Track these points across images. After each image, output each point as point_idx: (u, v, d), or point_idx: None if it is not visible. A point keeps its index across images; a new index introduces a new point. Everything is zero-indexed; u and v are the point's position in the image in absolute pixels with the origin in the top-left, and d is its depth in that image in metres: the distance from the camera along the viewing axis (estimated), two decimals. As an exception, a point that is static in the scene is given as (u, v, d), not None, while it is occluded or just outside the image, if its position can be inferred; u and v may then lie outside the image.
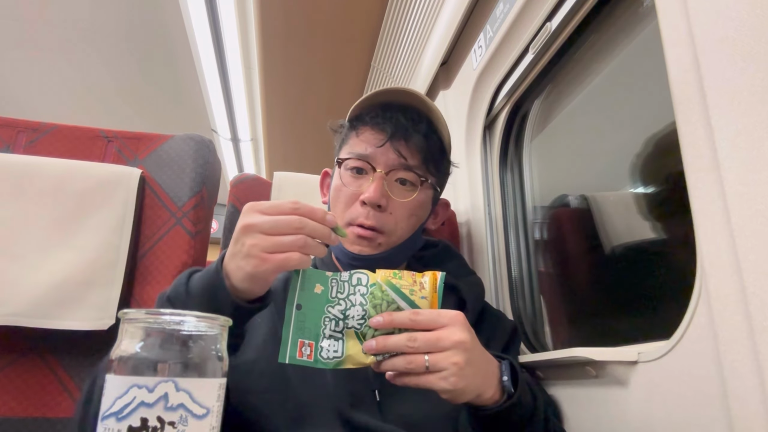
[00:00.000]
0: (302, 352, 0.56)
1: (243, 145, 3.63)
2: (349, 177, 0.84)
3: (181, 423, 0.31)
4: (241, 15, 2.16)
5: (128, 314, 0.34)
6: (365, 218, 0.79)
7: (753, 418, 0.49)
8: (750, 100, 0.50)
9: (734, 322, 0.51)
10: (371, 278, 0.59)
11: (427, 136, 0.84)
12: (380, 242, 0.81)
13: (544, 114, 1.19)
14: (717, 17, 0.54)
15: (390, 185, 0.82)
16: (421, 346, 0.55)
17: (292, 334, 0.56)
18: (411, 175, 0.83)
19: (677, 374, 0.61)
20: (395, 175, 0.82)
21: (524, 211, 1.21)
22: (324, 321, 0.57)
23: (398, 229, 0.82)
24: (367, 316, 0.57)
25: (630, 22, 0.89)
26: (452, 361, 0.55)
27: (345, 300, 0.58)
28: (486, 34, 1.16)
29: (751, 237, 0.49)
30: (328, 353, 0.56)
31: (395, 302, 0.58)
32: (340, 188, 0.84)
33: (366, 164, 0.82)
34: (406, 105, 0.85)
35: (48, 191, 0.94)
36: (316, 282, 0.59)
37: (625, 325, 0.94)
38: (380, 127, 0.83)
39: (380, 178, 0.81)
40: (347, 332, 0.57)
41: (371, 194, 0.79)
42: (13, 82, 3.19)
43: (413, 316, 0.57)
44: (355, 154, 0.83)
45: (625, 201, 1.01)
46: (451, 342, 0.56)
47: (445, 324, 0.57)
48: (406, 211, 0.83)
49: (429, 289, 0.59)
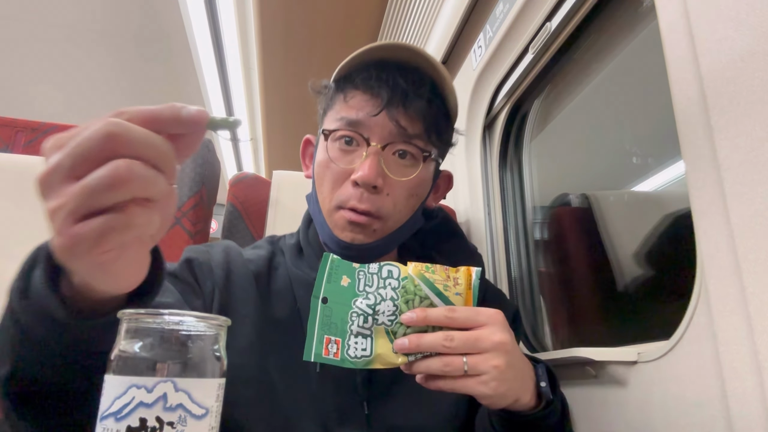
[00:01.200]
0: (329, 350, 0.51)
1: (242, 145, 3.62)
2: (338, 150, 0.70)
3: (180, 423, 0.31)
4: (241, 15, 2.16)
5: (127, 314, 0.34)
6: (358, 201, 0.67)
7: (753, 418, 0.49)
8: (750, 100, 0.50)
9: (734, 322, 0.51)
10: (402, 271, 0.54)
11: (430, 102, 0.70)
12: (375, 228, 0.69)
13: (544, 114, 1.19)
14: (717, 17, 0.54)
15: (386, 160, 0.69)
16: (458, 346, 0.50)
17: (318, 329, 0.52)
18: (412, 148, 0.70)
19: (677, 374, 0.60)
20: (393, 148, 0.69)
21: (524, 210, 1.21)
22: (351, 316, 0.53)
23: (396, 213, 0.70)
24: (398, 312, 0.52)
25: (630, 22, 0.89)
26: (493, 363, 0.50)
27: (374, 294, 0.53)
28: (486, 33, 1.16)
29: (751, 237, 0.49)
30: (356, 351, 0.52)
31: (428, 298, 0.53)
32: (327, 164, 0.71)
33: (357, 135, 0.69)
34: (406, 64, 0.70)
35: (47, 191, 0.94)
36: (343, 273, 0.54)
37: (626, 326, 0.94)
38: (374, 92, 0.69)
39: (375, 153, 0.68)
40: (376, 329, 0.53)
41: (365, 174, 0.66)
42: (13, 82, 3.19)
43: (449, 312, 0.51)
44: (344, 123, 0.70)
45: (625, 200, 1.01)
46: (492, 343, 0.50)
47: (484, 323, 0.52)
48: (405, 191, 0.70)
49: (463, 286, 0.55)
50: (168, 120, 0.35)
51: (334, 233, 0.70)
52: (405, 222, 0.73)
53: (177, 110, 0.35)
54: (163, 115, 0.35)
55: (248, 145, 3.58)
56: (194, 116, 0.35)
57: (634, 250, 0.96)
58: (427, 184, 0.75)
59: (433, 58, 0.71)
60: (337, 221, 0.70)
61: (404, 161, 0.70)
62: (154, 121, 0.34)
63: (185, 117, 0.35)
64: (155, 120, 0.34)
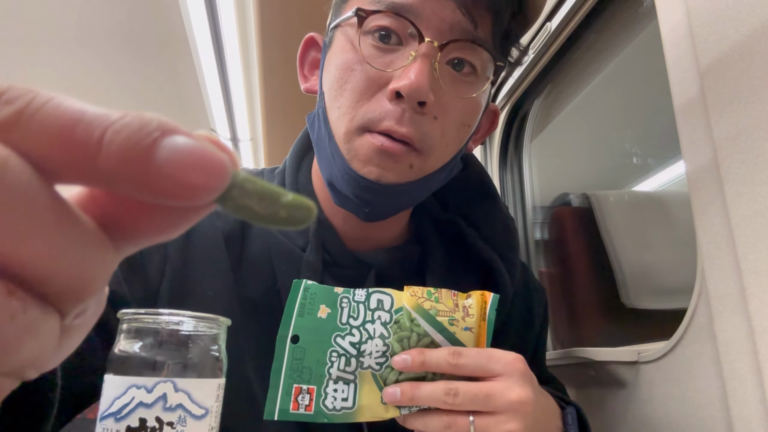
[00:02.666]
0: (298, 403, 0.41)
1: (242, 145, 3.62)
2: (371, 47, 0.48)
3: (179, 423, 0.31)
4: (241, 15, 2.16)
5: (127, 314, 0.34)
6: (397, 122, 0.46)
7: (753, 418, 0.49)
8: (750, 100, 0.50)
9: (734, 323, 0.51)
10: (396, 300, 0.44)
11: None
12: (412, 164, 0.48)
13: (544, 114, 1.19)
14: (717, 17, 0.54)
15: (441, 70, 0.48)
16: (464, 402, 0.39)
17: (285, 378, 0.41)
18: (482, 55, 0.49)
19: (677, 374, 0.60)
20: (453, 50, 0.48)
21: (524, 210, 1.21)
22: (330, 357, 0.42)
23: (443, 146, 0.50)
24: (389, 352, 0.42)
25: (630, 22, 0.89)
26: (507, 428, 0.39)
27: (360, 329, 0.43)
28: (486, 33, 1.16)
29: (751, 237, 0.49)
30: (335, 402, 0.41)
31: (428, 335, 0.42)
32: (352, 65, 0.48)
33: (406, 25, 0.46)
34: None
35: (47, 191, 0.94)
36: (320, 302, 0.43)
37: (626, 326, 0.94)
38: None
39: (429, 54, 0.46)
40: (362, 374, 0.42)
41: (414, 81, 0.44)
42: (12, 82, 3.19)
43: (453, 358, 0.41)
44: (386, 4, 0.46)
45: (625, 200, 1.01)
46: (508, 402, 0.40)
47: (499, 372, 0.41)
48: (459, 116, 0.50)
49: (476, 317, 0.44)
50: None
51: (352, 166, 0.48)
52: (447, 162, 0.52)
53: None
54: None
55: (248, 145, 3.58)
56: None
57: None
58: (480, 110, 0.53)
59: None
60: (360, 149, 0.48)
61: (462, 75, 0.49)
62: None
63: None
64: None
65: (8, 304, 0.12)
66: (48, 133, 0.13)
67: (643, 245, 1.00)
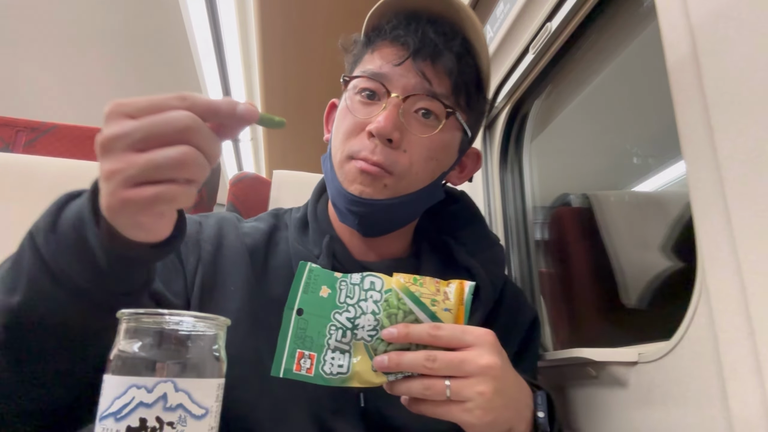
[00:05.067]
0: (300, 365, 0.48)
1: (243, 145, 3.62)
2: (358, 102, 0.66)
3: (180, 423, 0.31)
4: (241, 14, 2.16)
5: (126, 314, 0.34)
6: (370, 152, 0.62)
7: (753, 419, 0.49)
8: (750, 100, 0.50)
9: (734, 323, 0.51)
10: (386, 283, 0.51)
11: (461, 58, 0.65)
12: (386, 183, 0.63)
13: (545, 114, 1.19)
14: (717, 17, 0.54)
15: (407, 117, 0.64)
16: (441, 367, 0.46)
17: (290, 343, 0.48)
18: (436, 104, 0.65)
19: (677, 374, 0.60)
20: (415, 103, 0.64)
21: (524, 211, 1.21)
22: (329, 330, 0.49)
23: (412, 174, 0.64)
24: (379, 326, 0.49)
25: (630, 22, 0.89)
26: (478, 390, 0.46)
27: (355, 306, 0.50)
28: (486, 34, 1.16)
29: (751, 237, 0.49)
30: (332, 368, 0.48)
31: (413, 313, 0.50)
32: (345, 114, 0.67)
33: (379, 86, 0.65)
34: (439, 16, 0.66)
35: (47, 191, 0.94)
36: (322, 284, 0.51)
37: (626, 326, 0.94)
38: (401, 41, 0.65)
39: (395, 105, 0.63)
40: (355, 344, 0.49)
41: (381, 124, 0.61)
42: (13, 82, 3.19)
43: (433, 330, 0.48)
44: (367, 72, 0.66)
45: (626, 200, 1.01)
46: (478, 366, 0.47)
47: (471, 343, 0.48)
48: (425, 152, 0.65)
49: (454, 301, 0.51)
50: (225, 114, 0.40)
51: (343, 186, 0.65)
52: (421, 188, 0.66)
53: (233, 106, 0.40)
54: (221, 109, 0.39)
55: (248, 144, 3.58)
56: (246, 113, 0.40)
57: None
58: (450, 151, 0.69)
59: (470, 11, 0.66)
60: (347, 173, 0.65)
61: (427, 120, 0.65)
62: (212, 113, 0.39)
63: (239, 113, 0.40)
64: (214, 112, 0.39)
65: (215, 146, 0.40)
66: (209, 109, 0.39)
67: (643, 246, 1.00)
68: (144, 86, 3.22)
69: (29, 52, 2.94)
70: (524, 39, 1.04)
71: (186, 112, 0.38)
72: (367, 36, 0.70)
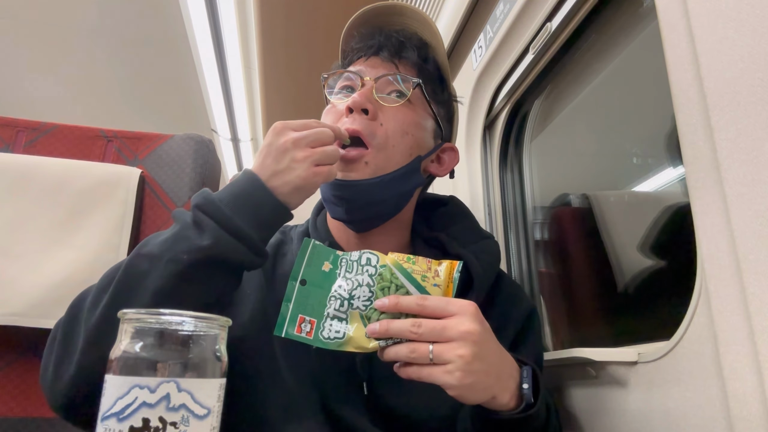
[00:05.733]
0: (301, 329, 0.54)
1: (243, 145, 3.62)
2: (338, 98, 0.77)
3: (182, 423, 0.31)
4: (241, 15, 2.16)
5: (128, 314, 0.34)
6: (350, 123, 0.69)
7: (753, 419, 0.49)
8: (750, 100, 0.50)
9: (734, 323, 0.51)
10: (381, 260, 0.57)
11: (420, 51, 0.76)
12: (367, 161, 0.69)
13: (544, 114, 1.19)
14: (717, 17, 0.54)
15: (381, 97, 0.73)
16: (425, 333, 0.51)
17: (293, 308, 0.54)
18: (405, 84, 0.74)
19: (677, 374, 0.61)
20: (387, 85, 0.74)
21: (524, 210, 1.21)
22: (329, 300, 0.55)
23: (389, 145, 0.71)
24: (373, 298, 0.55)
25: (630, 22, 0.89)
26: (458, 353, 0.50)
27: (352, 279, 0.56)
28: (486, 34, 1.16)
29: (751, 237, 0.49)
30: (330, 333, 0.54)
31: (404, 287, 0.55)
32: (328, 110, 0.76)
33: (355, 78, 0.74)
34: (398, 23, 0.78)
35: (48, 191, 0.94)
36: (324, 259, 0.57)
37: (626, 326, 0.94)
38: (369, 43, 0.76)
39: (368, 84, 0.72)
40: (351, 313, 0.55)
41: (356, 97, 0.70)
42: (13, 82, 3.19)
43: (420, 300, 0.53)
44: (340, 71, 0.77)
45: (625, 200, 1.01)
46: (458, 332, 0.51)
47: (454, 312, 0.53)
48: (399, 125, 0.72)
49: (444, 278, 0.56)
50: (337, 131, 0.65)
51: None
52: (400, 167, 0.72)
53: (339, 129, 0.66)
54: (335, 127, 0.65)
55: (248, 145, 3.58)
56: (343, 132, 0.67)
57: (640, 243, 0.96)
58: (423, 133, 0.76)
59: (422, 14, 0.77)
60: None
61: (399, 99, 0.74)
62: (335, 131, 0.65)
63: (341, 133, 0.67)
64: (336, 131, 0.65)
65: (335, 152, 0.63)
66: (329, 136, 0.63)
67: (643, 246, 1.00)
68: (144, 86, 3.22)
69: (29, 52, 2.94)
70: (524, 39, 1.04)
71: (327, 129, 0.62)
72: (343, 53, 0.82)
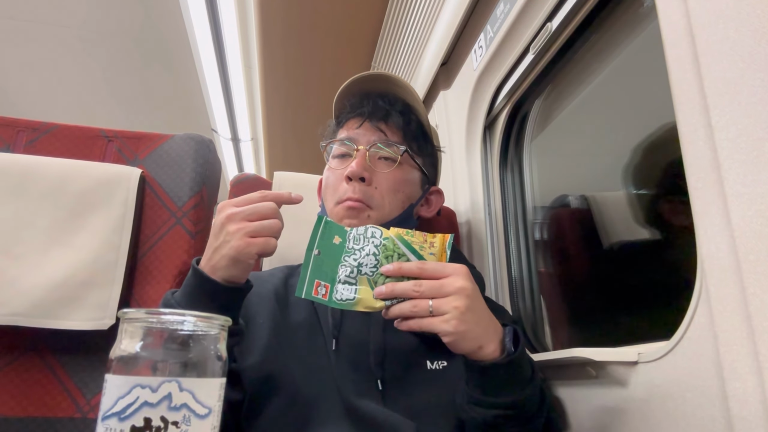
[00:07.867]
0: (318, 291, 0.62)
1: (243, 145, 3.62)
2: (336, 162, 0.89)
3: (184, 423, 0.31)
4: (242, 15, 2.16)
5: (128, 314, 0.34)
6: (352, 192, 0.83)
7: (753, 419, 0.49)
8: (750, 100, 0.50)
9: (734, 323, 0.51)
10: (384, 233, 0.65)
11: (404, 115, 0.88)
12: (369, 215, 0.84)
13: (545, 114, 1.19)
14: (717, 17, 0.54)
15: (373, 162, 0.86)
16: (425, 291, 0.60)
17: (310, 273, 0.62)
18: (393, 149, 0.87)
19: (677, 374, 0.61)
20: (377, 152, 0.87)
21: (524, 211, 1.21)
22: (340, 268, 0.63)
23: (386, 204, 0.85)
24: (379, 264, 0.63)
25: (630, 22, 0.89)
26: (454, 305, 0.59)
27: (360, 250, 0.64)
28: (486, 34, 1.16)
29: (751, 237, 0.49)
30: (342, 295, 0.62)
31: (405, 255, 0.63)
32: (329, 175, 0.90)
33: (349, 146, 0.88)
34: (383, 91, 0.91)
35: (48, 191, 0.94)
36: (335, 234, 0.65)
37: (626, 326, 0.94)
38: (359, 111, 0.89)
39: (362, 154, 0.85)
40: (360, 278, 0.63)
41: (353, 167, 0.83)
42: (13, 82, 3.19)
43: (420, 265, 0.62)
44: (339, 137, 0.90)
45: (625, 201, 1.01)
46: (454, 288, 0.60)
47: (450, 273, 0.62)
48: (391, 185, 0.86)
49: (438, 248, 0.65)
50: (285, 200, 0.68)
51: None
52: (396, 216, 0.87)
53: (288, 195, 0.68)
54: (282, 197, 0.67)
55: (249, 145, 3.57)
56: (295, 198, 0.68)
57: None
58: (412, 187, 0.90)
59: (406, 84, 0.89)
60: (338, 213, 0.85)
61: (388, 162, 0.87)
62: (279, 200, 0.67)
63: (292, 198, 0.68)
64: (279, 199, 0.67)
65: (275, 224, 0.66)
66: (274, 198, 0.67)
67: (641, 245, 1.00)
68: (144, 86, 3.22)
69: (29, 52, 2.94)
70: (524, 39, 1.04)
71: (269, 203, 0.66)
72: (336, 117, 0.95)
